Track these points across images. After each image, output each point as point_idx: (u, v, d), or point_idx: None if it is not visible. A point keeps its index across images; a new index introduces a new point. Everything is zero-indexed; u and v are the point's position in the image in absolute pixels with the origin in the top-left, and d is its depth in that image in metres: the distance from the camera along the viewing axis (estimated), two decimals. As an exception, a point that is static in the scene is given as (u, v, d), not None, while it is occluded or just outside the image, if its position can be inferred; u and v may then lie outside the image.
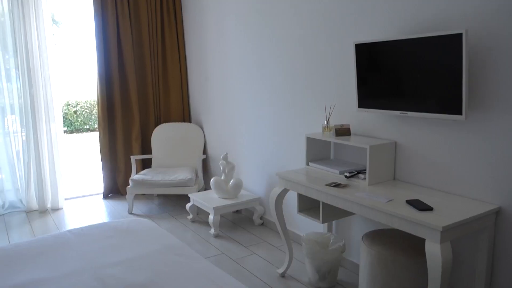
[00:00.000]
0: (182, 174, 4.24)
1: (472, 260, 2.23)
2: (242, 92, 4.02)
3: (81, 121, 11.97)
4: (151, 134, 4.91)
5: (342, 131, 2.74)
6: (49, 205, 4.53)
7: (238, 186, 3.81)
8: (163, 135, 4.80)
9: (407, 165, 2.51)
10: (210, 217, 3.67)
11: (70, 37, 12.65)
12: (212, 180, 3.86)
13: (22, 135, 4.42)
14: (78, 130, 11.90)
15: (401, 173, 2.56)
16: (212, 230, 3.66)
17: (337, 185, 2.44)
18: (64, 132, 4.95)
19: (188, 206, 4.04)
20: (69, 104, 11.66)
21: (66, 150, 4.66)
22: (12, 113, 4.39)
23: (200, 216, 4.17)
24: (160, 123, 5.02)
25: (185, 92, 5.07)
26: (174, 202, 4.69)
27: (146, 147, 4.98)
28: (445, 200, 2.15)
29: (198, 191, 4.26)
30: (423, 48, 2.17)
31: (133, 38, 4.75)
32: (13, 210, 4.46)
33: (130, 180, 4.22)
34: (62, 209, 4.54)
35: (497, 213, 2.07)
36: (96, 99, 4.78)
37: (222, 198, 3.84)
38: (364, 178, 2.51)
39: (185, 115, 5.09)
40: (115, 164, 4.91)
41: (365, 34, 2.67)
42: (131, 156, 4.64)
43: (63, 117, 11.29)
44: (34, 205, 4.48)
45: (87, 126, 12.06)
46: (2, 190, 4.41)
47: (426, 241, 1.85)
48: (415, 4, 2.34)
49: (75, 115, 11.87)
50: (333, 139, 2.67)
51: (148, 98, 4.92)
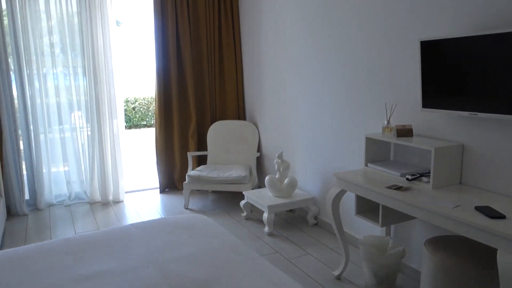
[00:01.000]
0: (237, 172, 4.28)
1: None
2: (298, 90, 3.99)
3: (138, 117, 12.45)
4: (207, 131, 5.00)
5: (404, 132, 2.64)
6: (111, 197, 4.75)
7: (293, 185, 3.79)
8: (219, 133, 4.87)
9: (475, 169, 2.38)
10: (264, 215, 3.68)
11: (130, 36, 13.19)
12: (266, 178, 3.87)
13: (87, 130, 4.66)
14: (136, 126, 12.39)
15: (468, 177, 2.43)
16: (266, 228, 3.67)
17: (398, 187, 2.35)
18: (123, 127, 5.16)
19: (242, 203, 4.07)
20: (128, 100, 12.17)
21: (126, 145, 4.86)
22: (78, 109, 4.64)
23: (254, 213, 4.20)
24: (215, 121, 5.10)
25: (240, 90, 5.12)
26: (228, 198, 4.76)
27: (201, 144, 5.08)
28: (518, 208, 2.01)
29: (252, 189, 4.29)
30: (495, 45, 2.03)
31: (191, 38, 4.86)
32: (78, 201, 4.72)
33: (186, 176, 4.32)
34: (122, 201, 4.75)
35: None
36: (153, 96, 4.94)
37: (276, 197, 3.84)
38: (427, 182, 2.40)
39: (240, 113, 5.14)
40: (171, 159, 5.05)
41: (430, 31, 2.56)
42: (188, 152, 4.75)
43: (123, 113, 11.75)
44: (97, 197, 4.71)
45: (144, 122, 12.52)
46: (69, 182, 4.67)
47: (498, 251, 1.74)
48: (489, -2, 2.21)
49: (134, 111, 12.36)
50: (394, 140, 2.58)
51: (204, 96, 5.02)
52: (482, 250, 2.21)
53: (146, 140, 10.12)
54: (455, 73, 2.30)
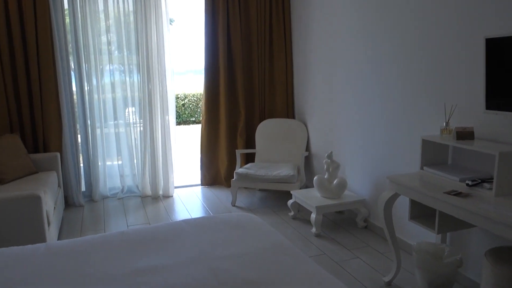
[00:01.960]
0: (285, 170, 4.25)
1: None
2: (349, 89, 3.90)
3: (188, 113, 12.70)
4: (255, 128, 5.01)
5: (464, 134, 2.50)
6: (161, 192, 4.87)
7: (342, 186, 3.71)
8: (267, 131, 4.86)
9: (545, 176, 2.20)
10: (312, 215, 3.63)
11: (181, 34, 13.49)
12: (315, 178, 3.81)
13: (140, 126, 4.80)
14: (185, 122, 12.65)
15: (536, 185, 2.25)
16: (313, 229, 3.62)
17: (457, 193, 2.23)
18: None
19: (289, 202, 4.04)
20: (178, 97, 12.44)
21: (175, 141, 4.97)
22: (132, 105, 4.79)
23: (301, 213, 4.16)
24: (264, 119, 5.09)
25: (290, 88, 5.07)
26: (275, 197, 4.74)
27: (250, 142, 5.10)
28: None
29: (300, 189, 4.24)
30: None
31: (241, 36, 4.87)
32: (130, 195, 4.88)
33: (234, 173, 4.35)
34: (172, 196, 4.85)
35: None
36: (202, 93, 5.01)
37: (325, 197, 3.77)
38: (490, 188, 2.26)
39: (289, 112, 5.10)
40: (217, 156, 5.10)
41: (496, 27, 2.40)
42: (236, 150, 4.78)
43: (172, 109, 12.03)
44: (148, 191, 4.85)
45: (193, 118, 12.76)
46: (122, 175, 4.84)
47: None
48: None
49: (183, 108, 12.62)
50: (453, 143, 2.45)
51: (254, 95, 5.03)
52: (551, 264, 2.05)
53: (195, 136, 10.30)
54: (525, 73, 2.14)
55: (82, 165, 4.70)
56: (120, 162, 4.83)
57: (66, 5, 4.34)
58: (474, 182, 2.34)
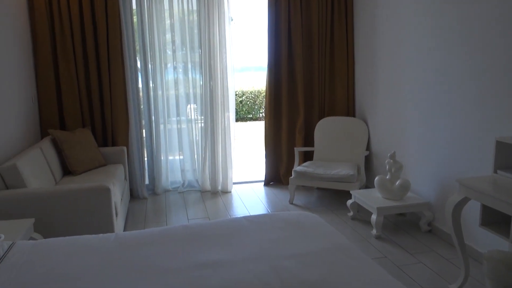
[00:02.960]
0: (344, 170, 4.17)
1: None
2: (416, 86, 3.74)
3: (245, 110, 12.83)
4: (314, 126, 4.95)
5: (546, 137, 2.31)
6: (219, 187, 4.97)
7: (405, 187, 3.57)
8: (326, 129, 4.79)
9: None
10: (373, 217, 3.53)
11: (238, 31, 13.64)
12: (376, 178, 3.70)
13: (201, 122, 4.92)
14: (242, 119, 12.78)
15: None
16: (374, 231, 3.52)
17: (537, 200, 2.07)
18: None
19: (349, 202, 3.96)
20: (236, 94, 12.60)
21: (235, 138, 5.04)
22: (193, 102, 4.92)
23: (360, 214, 4.06)
24: (323, 117, 5.02)
25: (351, 86, 4.96)
26: (333, 196, 4.67)
27: (308, 140, 5.05)
28: None
29: (359, 189, 4.15)
30: None
31: (303, 33, 4.83)
32: (190, 189, 5.02)
33: (293, 171, 4.33)
34: (230, 192, 4.93)
35: None
36: (263, 90, 5.02)
37: (386, 199, 3.66)
38: None
39: (349, 110, 4.99)
40: (278, 153, 5.10)
41: None
42: (295, 147, 4.76)
43: (231, 106, 12.22)
44: (207, 186, 4.96)
45: (250, 115, 12.86)
46: (183, 170, 4.99)
47: None
48: None
49: (241, 105, 12.77)
50: (532, 146, 2.27)
51: (313, 92, 4.97)
52: None
53: (252, 133, 10.40)
54: None
55: (146, 159, 4.90)
56: (181, 157, 4.98)
57: (134, 5, 4.54)
58: (557, 188, 2.16)
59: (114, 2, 4.30)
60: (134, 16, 4.56)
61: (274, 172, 5.17)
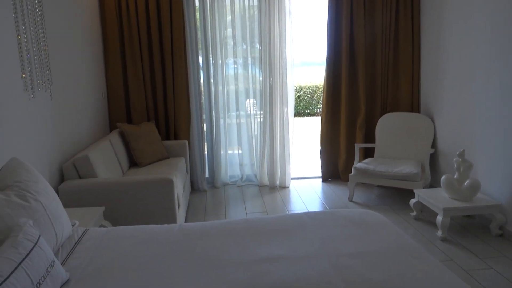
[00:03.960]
0: (408, 168, 4.01)
1: None
2: (489, 79, 3.50)
3: (303, 105, 12.74)
4: (375, 122, 4.81)
5: None
6: (277, 182, 4.97)
7: (475, 188, 3.37)
8: (389, 125, 4.63)
9: None
10: (438, 217, 3.37)
11: (297, 26, 13.54)
12: (443, 178, 3.52)
13: (260, 117, 4.95)
14: (300, 114, 12.71)
15: None
16: (439, 232, 3.37)
17: None
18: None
19: (412, 202, 3.81)
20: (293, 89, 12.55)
21: (293, 133, 5.02)
22: (253, 97, 4.95)
23: (424, 214, 3.89)
24: (385, 113, 4.86)
25: (416, 81, 4.75)
26: (394, 195, 4.51)
27: (369, 136, 4.92)
28: None
29: (424, 188, 3.97)
30: None
31: (365, 28, 4.69)
32: (248, 183, 5.07)
33: (353, 168, 4.24)
34: (288, 187, 4.93)
35: None
36: (321, 85, 4.95)
37: (453, 199, 3.47)
38: None
39: (414, 105, 4.79)
40: (336, 149, 5.02)
41: None
42: (355, 144, 4.65)
43: (288, 101, 12.19)
44: (265, 181, 4.99)
45: (308, 111, 12.76)
46: (241, 164, 5.06)
47: None
48: None
49: (298, 100, 12.70)
50: None
51: (376, 88, 4.83)
52: None
53: (309, 128, 10.30)
54: None
55: (206, 153, 5.01)
56: (240, 152, 5.05)
57: (197, 2, 4.64)
58: None
59: (178, 0, 4.42)
60: (196, 13, 4.67)
61: (332, 168, 5.09)
